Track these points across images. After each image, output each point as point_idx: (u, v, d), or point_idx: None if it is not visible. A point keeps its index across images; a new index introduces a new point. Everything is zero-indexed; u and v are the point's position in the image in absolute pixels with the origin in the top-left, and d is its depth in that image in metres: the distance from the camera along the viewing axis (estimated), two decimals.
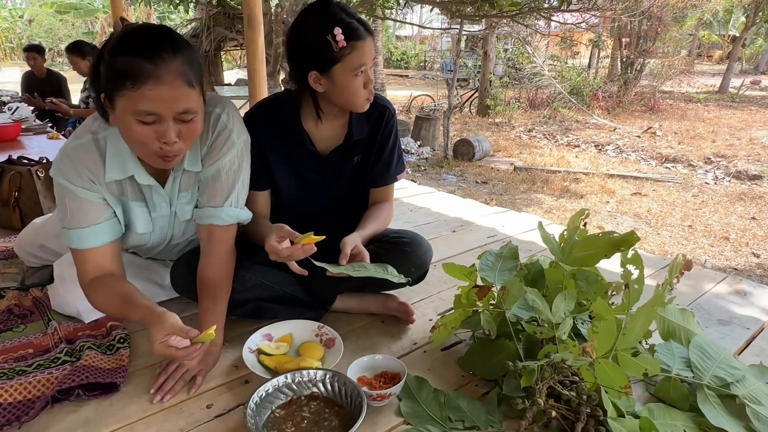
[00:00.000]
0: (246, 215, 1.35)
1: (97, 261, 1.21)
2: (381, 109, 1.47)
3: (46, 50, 5.40)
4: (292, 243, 1.22)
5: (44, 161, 2.33)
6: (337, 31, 1.23)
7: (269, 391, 1.12)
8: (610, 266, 1.64)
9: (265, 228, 1.35)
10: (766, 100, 14.28)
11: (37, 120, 4.63)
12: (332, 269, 1.21)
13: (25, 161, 2.33)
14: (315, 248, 1.22)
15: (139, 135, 1.07)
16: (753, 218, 4.91)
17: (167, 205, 1.32)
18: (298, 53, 1.31)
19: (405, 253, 1.45)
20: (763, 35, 24.46)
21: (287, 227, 1.24)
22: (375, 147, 1.50)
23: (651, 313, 1.17)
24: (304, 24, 1.29)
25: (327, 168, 1.48)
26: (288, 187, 1.49)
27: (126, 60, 1.02)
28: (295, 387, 1.16)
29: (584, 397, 1.10)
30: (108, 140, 1.18)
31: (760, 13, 15.16)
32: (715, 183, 6.25)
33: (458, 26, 7.80)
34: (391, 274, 1.25)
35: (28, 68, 5.21)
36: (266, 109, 1.45)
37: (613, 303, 1.32)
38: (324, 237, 1.22)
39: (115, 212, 1.25)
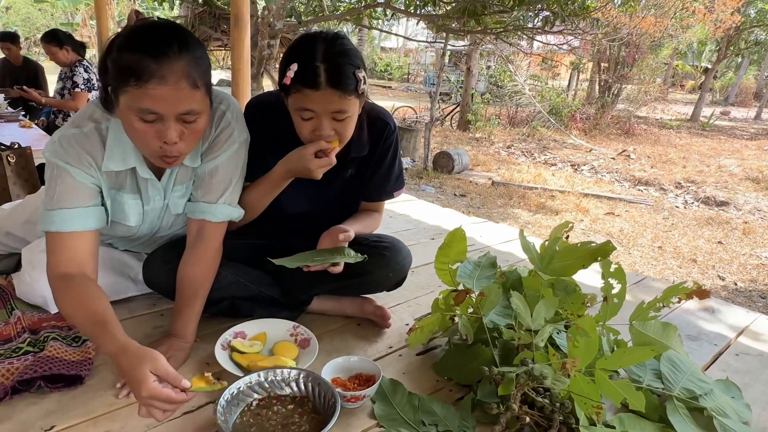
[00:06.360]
0: (238, 214, 1.33)
1: (74, 250, 1.15)
2: (381, 124, 1.43)
3: (23, 39, 5.25)
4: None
5: (16, 146, 2.25)
6: (293, 67, 1.16)
7: (241, 389, 1.10)
8: (586, 279, 1.66)
9: None
10: (735, 131, 14.84)
11: (9, 108, 4.50)
12: (289, 264, 1.22)
13: None
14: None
15: (140, 133, 1.07)
16: (719, 242, 5.06)
17: (161, 198, 1.31)
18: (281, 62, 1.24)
19: (384, 257, 1.45)
20: (733, 69, 25.47)
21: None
22: (372, 162, 1.46)
23: (647, 353, 1.16)
24: (294, 42, 1.23)
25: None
26: None
27: (131, 56, 1.01)
28: (267, 386, 1.13)
29: (557, 404, 1.11)
30: (110, 130, 1.17)
31: (732, 47, 15.78)
32: (685, 207, 6.43)
33: (443, 41, 7.90)
34: (347, 255, 1.26)
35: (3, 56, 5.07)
36: (268, 108, 1.38)
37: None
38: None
39: (103, 203, 1.22)
